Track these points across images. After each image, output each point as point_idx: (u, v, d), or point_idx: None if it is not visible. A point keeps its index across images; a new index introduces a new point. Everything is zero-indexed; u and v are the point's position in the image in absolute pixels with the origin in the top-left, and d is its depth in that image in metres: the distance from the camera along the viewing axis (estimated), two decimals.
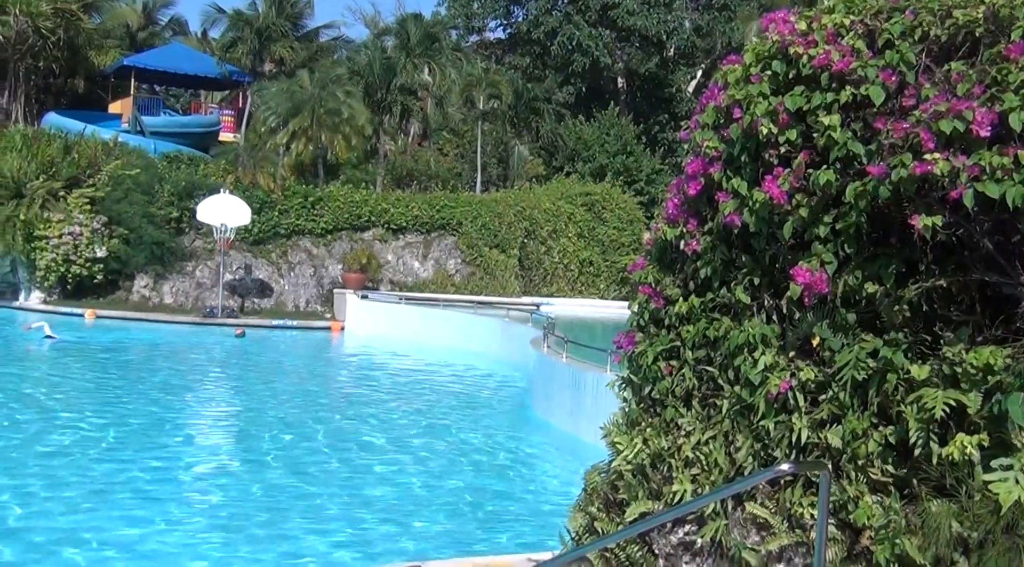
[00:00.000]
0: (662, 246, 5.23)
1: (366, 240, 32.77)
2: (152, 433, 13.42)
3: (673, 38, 46.63)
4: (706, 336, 4.81)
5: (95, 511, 9.52)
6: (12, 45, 39.09)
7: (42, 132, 32.67)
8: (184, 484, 10.98)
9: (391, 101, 38.22)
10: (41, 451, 11.91)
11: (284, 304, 31.18)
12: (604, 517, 5.19)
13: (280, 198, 31.91)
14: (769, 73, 4.40)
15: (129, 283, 30.05)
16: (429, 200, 34.01)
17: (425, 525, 9.61)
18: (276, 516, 9.62)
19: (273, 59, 41.80)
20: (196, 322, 28.13)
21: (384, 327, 27.49)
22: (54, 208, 28.90)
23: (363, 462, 12.26)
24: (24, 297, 29.57)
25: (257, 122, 36.95)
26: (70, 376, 18.57)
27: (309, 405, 16.53)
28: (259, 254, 31.51)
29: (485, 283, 32.76)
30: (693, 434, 4.77)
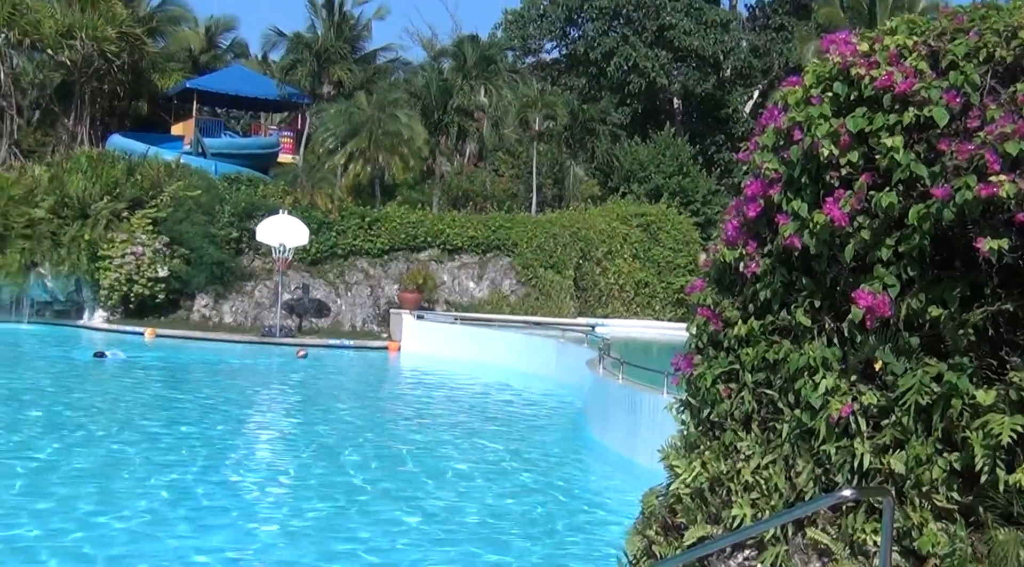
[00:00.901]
0: (721, 268, 5.20)
1: (422, 260, 32.96)
2: (231, 451, 13.60)
3: (730, 58, 46.45)
4: (766, 359, 4.77)
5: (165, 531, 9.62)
6: (79, 69, 40.04)
7: (106, 154, 33.38)
8: (272, 504, 11.08)
9: (447, 122, 38.53)
10: (101, 468, 12.07)
11: (341, 324, 31.43)
12: (662, 540, 5.15)
13: (338, 219, 32.23)
14: (830, 94, 4.37)
15: (190, 302, 30.51)
16: (485, 221, 34.12)
17: (479, 545, 9.58)
18: (332, 526, 9.67)
19: (332, 81, 42.28)
20: (254, 341, 28.46)
21: (440, 347, 27.58)
22: (118, 228, 29.47)
23: (416, 481, 12.26)
24: (88, 316, 30.14)
25: (315, 143, 37.40)
26: (140, 393, 18.88)
27: (367, 424, 16.64)
28: (317, 274, 31.83)
29: (540, 304, 32.75)
30: (753, 458, 4.73)
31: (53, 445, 13.16)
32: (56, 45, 38.90)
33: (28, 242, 29.09)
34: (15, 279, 29.07)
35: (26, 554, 8.65)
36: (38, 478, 11.30)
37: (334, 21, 44.20)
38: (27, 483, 11.05)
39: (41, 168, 32.12)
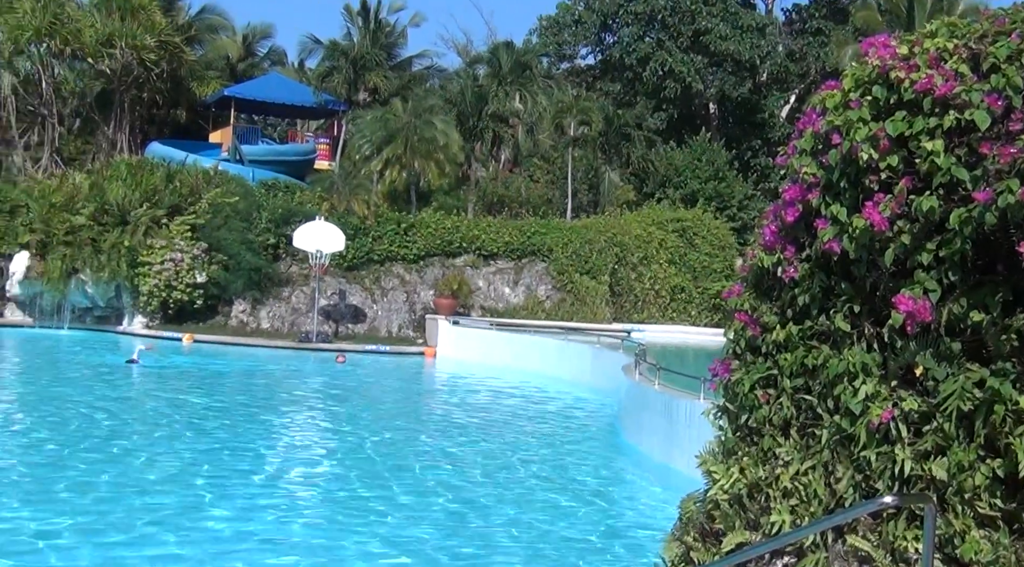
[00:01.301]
0: (758, 273, 5.17)
1: (457, 266, 33.03)
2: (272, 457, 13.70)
3: (766, 63, 46.20)
4: (804, 364, 4.73)
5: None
6: (118, 77, 40.54)
7: (146, 161, 33.77)
8: (319, 507, 11.15)
9: (483, 128, 38.62)
10: (144, 476, 12.19)
11: (377, 329, 31.56)
12: (700, 547, 5.13)
13: (374, 225, 32.38)
14: (869, 98, 4.34)
15: (228, 308, 30.76)
16: (520, 226, 34.15)
17: (515, 549, 9.58)
18: (372, 531, 9.71)
19: (367, 88, 42.54)
20: (291, 346, 28.64)
21: (475, 353, 27.62)
22: (157, 235, 29.76)
23: (452, 485, 12.28)
24: (128, 322, 30.46)
25: (352, 150, 37.60)
26: (180, 397, 19.06)
27: (407, 425, 16.71)
28: (353, 280, 31.99)
29: (576, 309, 32.71)
30: (791, 464, 4.69)
31: (87, 452, 13.31)
32: (96, 54, 39.40)
33: (69, 249, 29.45)
34: (56, 285, 29.44)
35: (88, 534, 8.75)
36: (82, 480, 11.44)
37: (370, 28, 44.50)
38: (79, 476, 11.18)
39: (82, 176, 32.52)
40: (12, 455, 12.88)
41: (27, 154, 41.54)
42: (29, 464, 12.25)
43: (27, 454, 12.87)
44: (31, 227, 30.01)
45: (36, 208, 30.24)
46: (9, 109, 40.85)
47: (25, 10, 38.78)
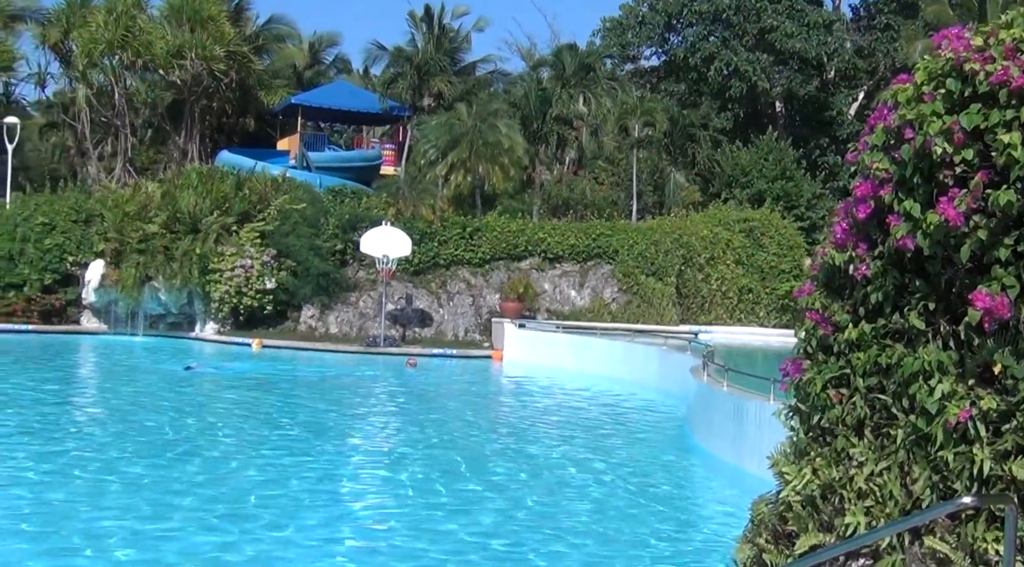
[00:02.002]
0: (830, 271, 5.10)
1: (523, 269, 33.06)
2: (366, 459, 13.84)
3: (834, 60, 45.59)
4: (878, 363, 4.66)
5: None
6: (189, 87, 41.33)
7: (216, 170, 34.34)
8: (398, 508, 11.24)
9: (547, 131, 38.65)
10: (224, 479, 12.37)
11: (444, 333, 31.71)
12: (773, 549, 5.06)
13: (439, 229, 32.54)
14: (943, 91, 4.26)
15: (297, 313, 31.12)
16: (585, 229, 34.08)
17: (586, 551, 9.56)
18: (456, 531, 9.76)
19: (432, 93, 42.80)
20: (359, 351, 28.88)
21: (542, 356, 27.62)
22: (227, 242, 30.23)
23: (525, 486, 12.29)
24: (200, 328, 30.97)
25: (417, 155, 37.86)
26: (255, 402, 19.34)
27: (484, 428, 16.82)
28: (419, 284, 32.18)
29: (642, 311, 32.55)
30: (866, 465, 4.62)
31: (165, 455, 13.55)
32: (167, 65, 40.21)
33: (142, 256, 30.04)
34: (130, 293, 30.03)
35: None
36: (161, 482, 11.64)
37: (434, 34, 44.76)
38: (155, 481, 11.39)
39: (154, 185, 33.15)
40: (136, 459, 13.14)
41: (101, 165, 42.57)
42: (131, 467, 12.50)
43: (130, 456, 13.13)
44: (106, 236, 30.67)
45: (110, 217, 30.90)
46: (84, 121, 41.89)
47: (98, 23, 39.72)
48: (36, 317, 30.44)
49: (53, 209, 31.55)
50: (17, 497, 10.77)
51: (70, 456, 13.13)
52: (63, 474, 11.99)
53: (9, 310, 30.18)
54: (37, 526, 9.65)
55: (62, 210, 31.49)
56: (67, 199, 32.39)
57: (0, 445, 13.53)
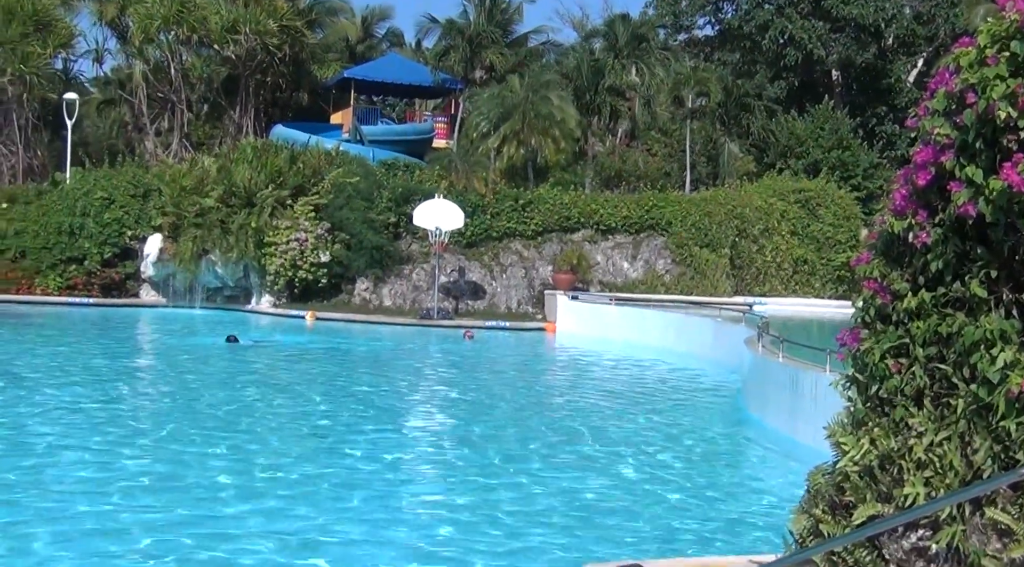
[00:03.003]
0: (888, 239, 5.02)
1: (576, 241, 33.00)
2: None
3: (892, 26, 44.75)
4: (938, 332, 4.59)
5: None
6: (243, 62, 41.68)
7: (270, 144, 34.63)
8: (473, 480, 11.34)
9: (599, 103, 38.45)
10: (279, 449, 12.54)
11: (496, 305, 31.80)
12: (830, 520, 5.03)
13: (492, 201, 32.57)
14: (1007, 54, 4.16)
15: (351, 286, 31.38)
16: (638, 200, 33.92)
17: (639, 524, 9.58)
18: (495, 505, 9.82)
19: (484, 66, 42.73)
20: (412, 323, 29.07)
21: (594, 328, 27.60)
22: (282, 216, 30.51)
23: (578, 459, 12.32)
24: (256, 301, 31.36)
25: (469, 128, 37.86)
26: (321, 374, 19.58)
27: (542, 402, 16.89)
28: (472, 257, 32.27)
29: (695, 283, 32.40)
30: (925, 435, 4.56)
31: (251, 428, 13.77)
32: (222, 40, 40.55)
33: (199, 230, 30.43)
34: (188, 266, 30.46)
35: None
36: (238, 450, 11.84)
37: (486, 6, 44.60)
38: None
39: (210, 159, 33.51)
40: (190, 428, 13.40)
41: (158, 140, 43.12)
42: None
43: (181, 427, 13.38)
44: (163, 210, 31.11)
45: (168, 192, 31.31)
46: (141, 96, 42.43)
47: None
48: (97, 290, 31.02)
49: (112, 184, 32.05)
50: (81, 464, 11.00)
51: (123, 428, 13.39)
52: (122, 445, 12.23)
53: (71, 284, 30.78)
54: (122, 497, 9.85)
55: (121, 185, 31.98)
56: (125, 174, 32.90)
57: (66, 414, 13.82)
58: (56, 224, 31.23)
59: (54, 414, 13.77)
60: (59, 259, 30.93)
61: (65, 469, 10.76)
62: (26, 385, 16.04)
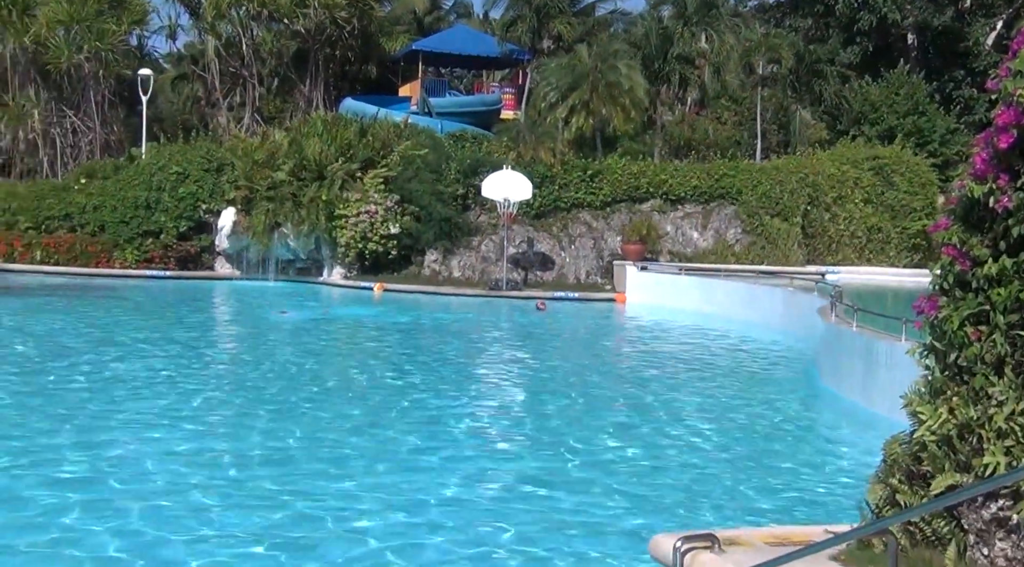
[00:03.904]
0: (968, 204, 4.92)
1: (644, 211, 32.80)
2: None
3: None
4: (1019, 299, 4.50)
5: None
6: (312, 36, 41.97)
7: (340, 117, 34.89)
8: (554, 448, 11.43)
9: (668, 71, 38.05)
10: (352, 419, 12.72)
11: (565, 276, 31.78)
12: (906, 489, 4.98)
13: (560, 172, 32.49)
14: None
15: (420, 258, 31.57)
16: (707, 169, 33.59)
17: (713, 494, 9.56)
18: (567, 474, 9.87)
19: (551, 36, 42.51)
20: (481, 294, 29.21)
21: (664, 298, 27.48)
22: (352, 188, 30.77)
23: (652, 430, 12.32)
24: (327, 273, 31.73)
25: (537, 98, 37.73)
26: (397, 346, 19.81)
27: (608, 374, 16.91)
28: (541, 228, 32.25)
29: (766, 252, 32.06)
30: (1006, 404, 4.49)
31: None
32: (291, 14, 40.86)
33: (272, 204, 30.82)
34: (261, 239, 30.90)
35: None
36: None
37: None
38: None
39: (281, 133, 33.89)
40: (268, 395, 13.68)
41: (230, 114, 43.67)
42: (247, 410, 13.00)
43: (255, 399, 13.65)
44: (236, 184, 31.54)
45: (240, 165, 31.74)
46: (213, 71, 42.99)
47: None
48: (173, 263, 31.63)
49: (186, 158, 32.58)
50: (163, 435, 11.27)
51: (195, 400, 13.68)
52: (204, 416, 12.50)
53: (148, 257, 31.41)
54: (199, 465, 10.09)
55: (195, 159, 32.50)
56: (199, 149, 33.41)
57: (149, 383, 14.16)
58: (133, 198, 31.83)
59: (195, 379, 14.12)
60: (136, 233, 31.54)
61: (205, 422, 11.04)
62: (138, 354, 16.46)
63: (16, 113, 40.20)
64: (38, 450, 10.18)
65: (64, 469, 9.54)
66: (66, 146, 40.67)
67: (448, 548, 7.81)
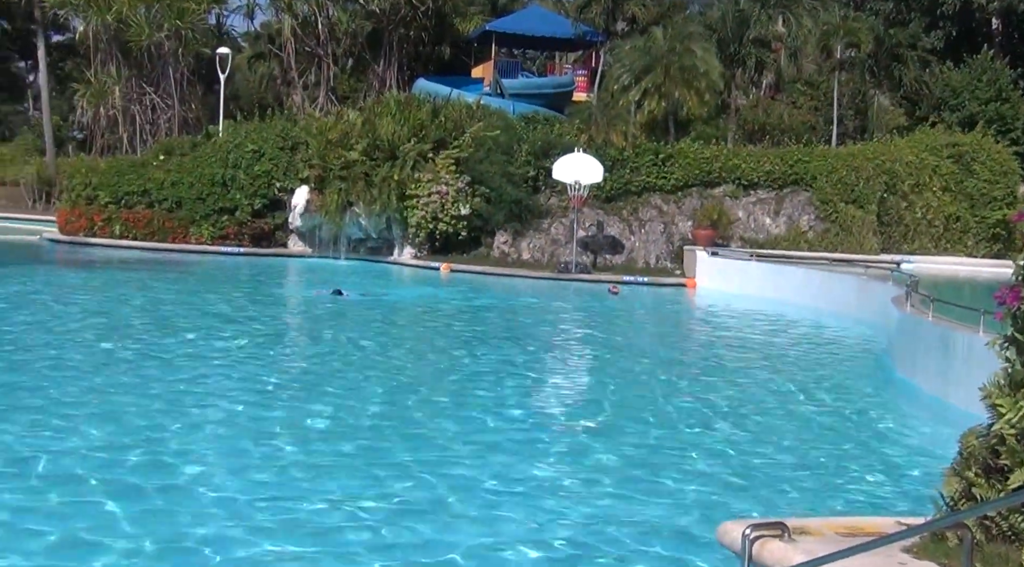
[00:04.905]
0: None
1: (716, 196, 32.52)
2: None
3: None
4: None
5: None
6: (387, 16, 42.25)
7: (413, 98, 35.08)
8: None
9: (744, 54, 37.61)
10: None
11: (635, 260, 31.67)
12: (983, 483, 4.92)
13: (631, 155, 32.34)
14: None
15: (490, 239, 31.67)
16: (781, 155, 33.18)
17: (784, 485, 9.49)
18: (644, 461, 9.88)
19: (626, 17, 42.17)
20: (550, 277, 29.22)
21: (735, 284, 27.26)
22: (423, 169, 30.95)
23: (724, 418, 12.25)
24: (398, 252, 32.00)
25: (609, 81, 37.51)
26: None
27: (681, 361, 16.87)
28: (611, 211, 32.15)
29: (840, 240, 31.61)
30: None
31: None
32: None
33: (344, 183, 31.13)
34: (334, 218, 31.25)
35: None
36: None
37: None
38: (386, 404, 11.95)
39: (355, 113, 34.16)
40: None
41: (305, 93, 44.16)
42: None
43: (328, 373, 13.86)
44: (310, 162, 31.90)
45: (314, 144, 32.08)
46: (289, 51, 43.51)
47: None
48: (247, 240, 32.12)
49: (262, 137, 33.01)
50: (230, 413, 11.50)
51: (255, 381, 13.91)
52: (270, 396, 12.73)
53: (223, 233, 31.93)
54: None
55: (270, 138, 32.91)
56: (274, 127, 33.82)
57: (230, 357, 14.46)
58: (209, 176, 32.34)
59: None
60: (212, 209, 32.05)
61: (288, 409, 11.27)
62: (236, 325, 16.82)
63: (98, 90, 41.09)
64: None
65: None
66: (145, 123, 41.50)
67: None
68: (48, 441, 9.46)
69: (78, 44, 45.13)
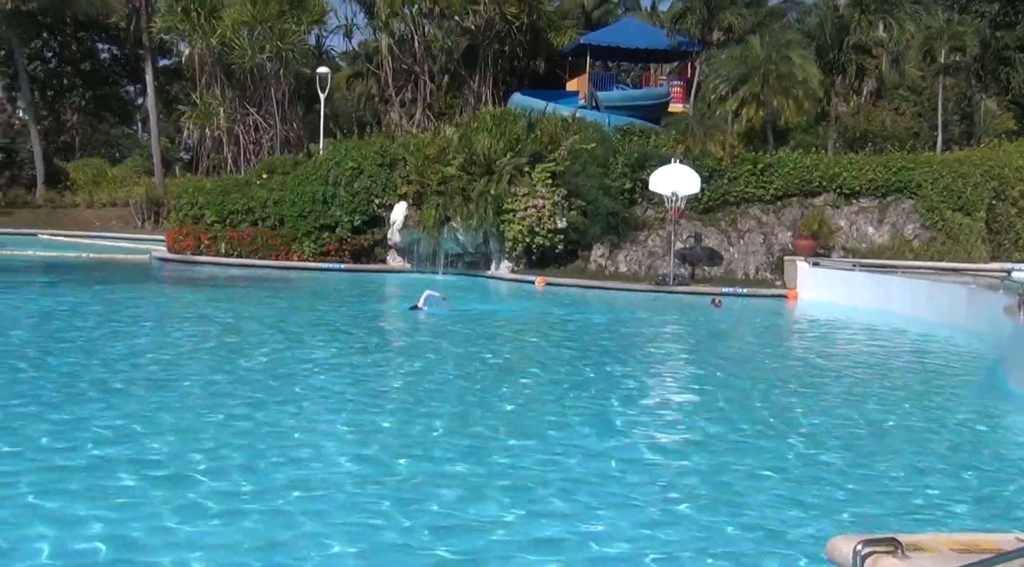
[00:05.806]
0: None
1: (817, 206, 32.01)
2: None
3: None
4: None
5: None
6: (482, 32, 42.63)
7: (508, 112, 35.36)
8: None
9: (844, 61, 37.01)
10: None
11: (733, 272, 31.32)
12: None
13: (729, 166, 32.05)
14: None
15: (587, 253, 31.65)
16: (884, 162, 32.53)
17: (893, 499, 9.27)
18: (751, 475, 9.76)
19: (721, 27, 41.88)
20: (647, 290, 29.05)
21: (837, 295, 26.77)
22: (520, 183, 31.11)
23: (833, 433, 12.02)
24: (495, 266, 32.19)
25: (706, 91, 37.27)
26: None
27: (793, 373, 16.59)
28: (709, 222, 31.88)
29: (947, 249, 30.84)
30: None
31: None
32: (462, 11, 41.67)
33: (442, 198, 31.47)
34: (431, 233, 31.60)
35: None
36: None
37: None
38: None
39: (451, 128, 34.55)
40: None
41: (403, 111, 44.81)
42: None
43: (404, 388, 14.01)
44: (408, 178, 32.33)
45: (412, 161, 32.51)
46: (386, 69, 44.24)
47: None
48: (348, 256, 32.67)
49: (361, 154, 33.56)
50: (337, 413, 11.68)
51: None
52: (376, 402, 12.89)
53: (324, 250, 32.52)
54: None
55: (369, 155, 33.44)
56: (373, 144, 34.38)
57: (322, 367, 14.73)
58: (310, 193, 32.97)
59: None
60: (313, 227, 32.67)
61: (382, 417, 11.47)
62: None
63: (203, 111, 42.32)
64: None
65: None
66: (248, 142, 42.61)
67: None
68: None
69: (184, 67, 46.67)
